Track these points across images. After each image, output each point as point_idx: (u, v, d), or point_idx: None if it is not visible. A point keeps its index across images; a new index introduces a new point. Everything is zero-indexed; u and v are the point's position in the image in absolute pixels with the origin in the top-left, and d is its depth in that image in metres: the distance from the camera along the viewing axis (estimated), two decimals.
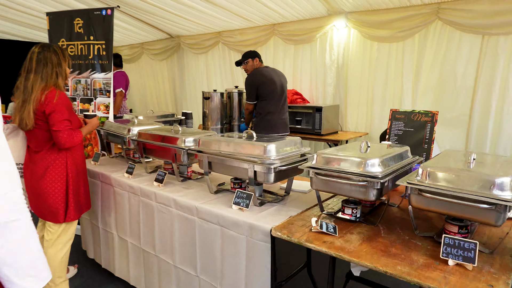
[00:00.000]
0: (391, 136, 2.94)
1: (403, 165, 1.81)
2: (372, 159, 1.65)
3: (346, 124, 5.32)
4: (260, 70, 4.25)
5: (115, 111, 5.62)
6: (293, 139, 2.12)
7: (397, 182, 1.56)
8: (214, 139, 2.21)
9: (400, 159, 1.86)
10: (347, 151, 1.88)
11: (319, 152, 1.81)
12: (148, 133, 2.70)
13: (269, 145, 1.93)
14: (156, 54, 7.73)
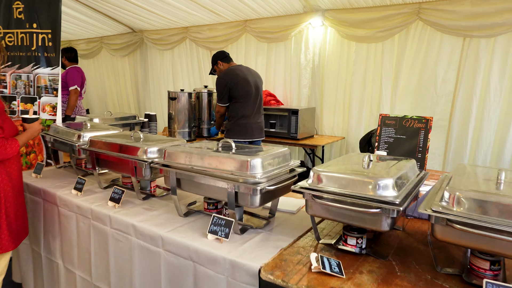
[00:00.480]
0: (380, 143, 2.66)
1: (415, 184, 1.51)
2: (384, 179, 1.32)
3: (322, 127, 5.05)
4: (233, 70, 3.88)
5: (68, 111, 5.07)
6: (281, 151, 1.77)
7: (420, 210, 1.24)
8: (184, 150, 1.82)
9: (410, 176, 1.55)
10: (347, 167, 1.55)
11: (316, 170, 1.47)
12: (102, 141, 2.26)
13: (253, 159, 1.57)
14: (116, 49, 7.16)
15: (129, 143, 2.15)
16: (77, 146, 2.45)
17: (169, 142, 2.19)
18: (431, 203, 1.27)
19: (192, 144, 2.02)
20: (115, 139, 2.26)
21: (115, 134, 2.53)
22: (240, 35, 5.48)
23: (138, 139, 2.24)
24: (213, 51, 5.80)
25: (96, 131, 2.65)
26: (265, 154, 1.65)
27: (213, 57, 4.09)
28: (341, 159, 1.73)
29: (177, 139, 2.30)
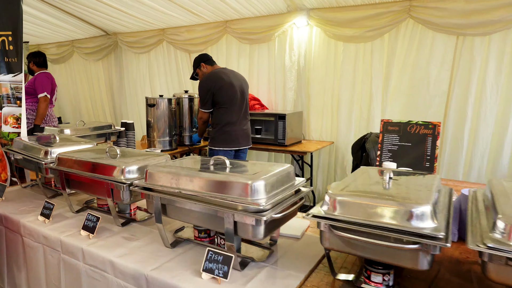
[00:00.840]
0: (383, 152, 2.45)
1: (447, 206, 1.28)
2: (420, 206, 1.09)
3: (309, 132, 4.84)
4: (217, 73, 3.60)
5: (38, 120, 4.66)
6: (284, 169, 1.51)
7: (470, 246, 1.01)
8: (170, 170, 1.54)
9: (442, 197, 1.32)
10: (367, 187, 1.32)
11: (332, 194, 1.23)
12: (73, 159, 1.95)
13: (255, 182, 1.31)
14: (89, 53, 6.76)
15: (103, 160, 1.86)
16: (44, 164, 2.13)
17: (150, 158, 1.91)
18: (480, 235, 1.04)
19: (179, 161, 1.74)
20: (87, 156, 1.96)
21: (88, 149, 2.22)
22: (220, 37, 5.21)
23: (115, 156, 1.94)
24: (192, 53, 5.54)
25: (66, 146, 2.33)
26: (268, 174, 1.39)
27: (195, 60, 3.81)
28: (357, 175, 1.49)
29: (160, 154, 2.01)
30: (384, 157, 2.42)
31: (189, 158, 1.81)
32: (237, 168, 1.53)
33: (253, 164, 1.63)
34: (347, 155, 4.51)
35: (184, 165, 1.62)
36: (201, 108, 3.65)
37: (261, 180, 1.33)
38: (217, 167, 1.55)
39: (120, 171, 1.75)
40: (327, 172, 4.80)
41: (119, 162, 1.81)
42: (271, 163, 1.63)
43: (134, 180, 1.71)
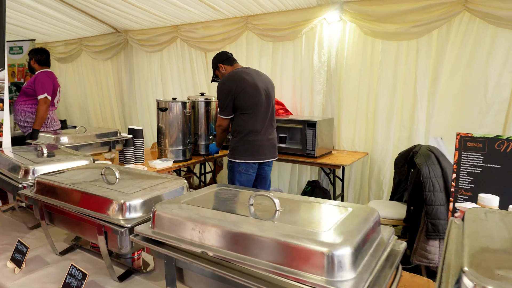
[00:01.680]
0: (460, 175, 1.89)
1: None
2: None
3: (339, 141, 4.28)
4: (239, 73, 3.09)
5: (37, 124, 4.22)
6: (367, 215, 0.97)
7: None
8: (190, 213, 1.02)
9: None
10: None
11: None
12: (54, 185, 1.44)
13: (337, 250, 0.77)
14: (98, 52, 6.31)
15: (96, 189, 1.34)
16: (21, 189, 1.62)
17: (161, 186, 1.39)
18: None
19: (202, 196, 1.21)
20: (76, 180, 1.45)
21: (80, 169, 1.71)
22: (240, 34, 4.69)
23: (112, 180, 1.43)
24: (208, 52, 5.05)
25: (54, 162, 1.83)
26: (355, 232, 0.85)
27: (213, 60, 3.31)
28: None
29: (174, 179, 1.49)
30: (462, 182, 1.86)
31: (216, 189, 1.28)
32: (294, 213, 0.99)
33: (313, 206, 1.09)
34: (384, 168, 3.95)
35: (211, 204, 1.09)
36: (220, 114, 3.13)
37: (347, 246, 0.79)
38: (260, 210, 1.02)
39: (118, 207, 1.23)
40: (359, 187, 4.24)
41: (116, 194, 1.29)
42: (337, 203, 1.09)
43: (137, 222, 1.19)
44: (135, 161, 3.46)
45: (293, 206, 1.06)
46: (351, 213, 0.98)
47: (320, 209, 1.04)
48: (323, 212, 1.01)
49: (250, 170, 3.14)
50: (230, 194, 1.23)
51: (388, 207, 3.30)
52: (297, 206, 1.08)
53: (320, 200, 1.13)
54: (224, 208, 1.06)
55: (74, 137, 2.96)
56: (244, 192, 1.22)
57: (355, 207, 1.03)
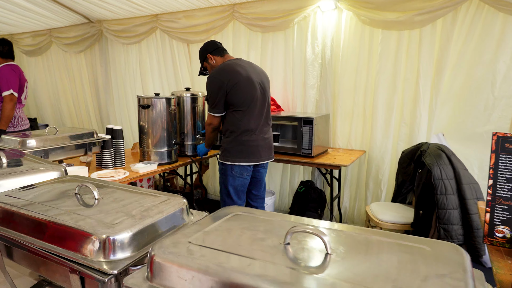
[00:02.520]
0: (497, 182, 1.65)
1: None
2: None
3: (334, 139, 4.03)
4: (231, 65, 2.77)
5: (2, 124, 3.80)
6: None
7: None
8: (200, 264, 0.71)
9: None
10: None
11: None
12: (13, 210, 1.10)
13: None
14: (69, 44, 5.82)
15: (68, 217, 1.01)
16: None
17: (157, 206, 1.07)
18: None
19: (215, 228, 0.90)
20: (41, 203, 1.11)
21: (48, 184, 1.37)
22: (226, 23, 4.36)
23: (90, 202, 1.10)
24: (191, 44, 4.70)
25: (14, 175, 1.47)
26: None
27: (201, 50, 2.98)
28: None
29: (172, 197, 1.18)
30: (501, 189, 1.62)
31: (231, 216, 0.98)
32: (350, 259, 0.70)
33: (381, 245, 0.80)
34: (382, 167, 3.72)
35: (232, 244, 0.78)
36: (210, 112, 2.81)
37: None
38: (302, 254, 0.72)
39: (99, 245, 0.90)
40: (356, 186, 4.00)
41: (96, 224, 0.97)
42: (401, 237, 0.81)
43: (125, 265, 0.87)
44: (114, 165, 3.10)
45: (345, 244, 0.77)
46: (432, 256, 0.69)
47: (392, 251, 0.75)
48: (400, 257, 0.72)
49: (244, 173, 2.84)
50: (253, 225, 0.92)
51: (392, 209, 3.07)
52: (351, 244, 0.78)
53: (379, 232, 0.84)
54: (254, 253, 0.75)
55: (44, 139, 2.58)
56: (272, 221, 0.92)
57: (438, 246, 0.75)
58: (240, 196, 2.94)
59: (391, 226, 2.93)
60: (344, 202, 4.06)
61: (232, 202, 2.92)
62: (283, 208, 4.48)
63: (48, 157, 2.59)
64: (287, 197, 4.44)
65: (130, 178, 2.84)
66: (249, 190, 3.05)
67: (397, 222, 2.90)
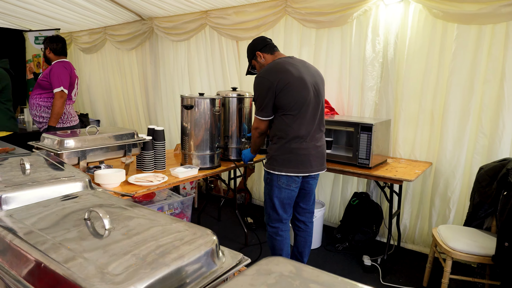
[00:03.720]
0: None
1: None
2: None
3: (395, 147, 3.60)
4: (281, 64, 2.48)
5: (52, 121, 3.79)
6: None
7: None
8: None
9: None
10: None
11: None
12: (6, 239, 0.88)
13: None
14: (122, 41, 5.84)
15: (61, 260, 0.77)
16: None
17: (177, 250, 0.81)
18: None
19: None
20: (40, 228, 0.89)
21: (59, 202, 1.16)
22: (278, 19, 4.06)
23: (100, 233, 0.86)
24: (240, 41, 4.46)
25: (31, 187, 1.29)
26: None
27: (250, 47, 2.72)
28: None
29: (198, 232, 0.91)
30: None
31: (279, 280, 0.68)
32: None
33: None
34: (452, 183, 3.24)
35: None
36: (257, 115, 2.54)
37: None
38: None
39: None
40: (418, 203, 3.54)
41: (94, 274, 0.72)
42: None
43: None
44: (154, 167, 2.92)
45: None
46: None
47: None
48: None
49: (292, 185, 2.54)
50: None
51: (466, 236, 2.60)
52: None
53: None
54: None
55: (82, 140, 2.45)
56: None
57: None
58: (286, 209, 2.64)
59: (466, 257, 2.47)
60: (404, 219, 3.61)
61: (277, 215, 2.63)
62: (333, 221, 4.11)
63: (86, 158, 2.46)
64: (338, 209, 4.06)
65: (168, 184, 2.64)
66: (297, 203, 2.74)
67: (474, 253, 2.43)
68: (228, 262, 0.92)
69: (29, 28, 6.60)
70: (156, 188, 2.59)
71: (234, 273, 0.92)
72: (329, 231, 3.93)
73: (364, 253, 3.42)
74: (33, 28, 6.57)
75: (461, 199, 3.25)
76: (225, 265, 0.91)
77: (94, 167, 2.79)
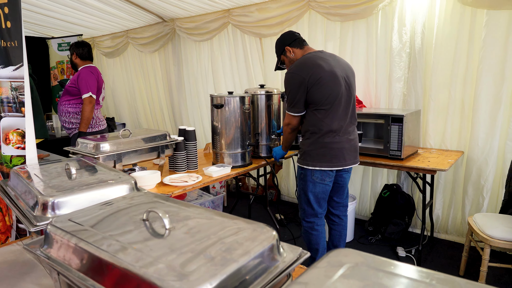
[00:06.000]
0: None
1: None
2: None
3: (425, 138, 3.56)
4: (313, 58, 2.48)
5: (83, 127, 3.87)
6: None
7: None
8: None
9: None
10: None
11: None
12: (71, 244, 0.93)
13: None
14: (144, 44, 5.93)
15: (131, 260, 0.81)
16: (35, 231, 1.15)
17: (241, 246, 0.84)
18: None
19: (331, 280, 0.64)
20: (103, 235, 0.93)
21: (114, 203, 1.20)
22: (301, 14, 4.05)
23: (161, 232, 0.90)
24: (264, 38, 4.47)
25: (81, 191, 1.34)
26: None
27: (277, 44, 2.73)
28: None
29: (258, 227, 0.94)
30: None
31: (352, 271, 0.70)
32: None
33: None
34: (485, 170, 3.19)
35: None
36: (289, 111, 2.55)
37: None
38: None
39: None
40: (450, 193, 3.49)
41: (166, 272, 0.75)
42: None
43: None
44: (187, 167, 2.98)
45: None
46: None
47: None
48: None
49: (326, 179, 2.54)
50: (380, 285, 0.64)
51: (503, 223, 2.57)
52: None
53: None
54: None
55: (117, 143, 2.51)
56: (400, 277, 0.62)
57: None
58: (321, 204, 2.65)
59: (505, 245, 2.44)
60: (436, 209, 3.56)
61: (312, 210, 2.65)
62: (363, 214, 4.10)
63: (121, 161, 2.52)
64: (369, 202, 4.04)
65: (203, 183, 2.69)
66: (331, 197, 2.75)
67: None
68: (289, 256, 0.95)
69: (52, 35, 6.76)
70: (192, 188, 2.64)
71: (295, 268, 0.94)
72: (361, 224, 3.92)
73: (398, 245, 3.41)
74: (55, 35, 6.72)
75: (494, 187, 3.19)
76: (287, 259, 0.93)
77: (128, 169, 2.86)
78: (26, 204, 1.31)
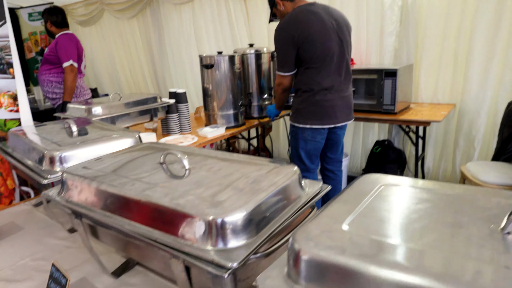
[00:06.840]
0: None
1: None
2: None
3: (417, 92, 3.57)
4: (303, 12, 2.39)
5: (67, 96, 3.73)
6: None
7: None
8: None
9: None
10: None
11: None
12: (93, 187, 0.89)
13: None
14: (121, 10, 5.66)
15: (160, 196, 0.79)
16: (47, 184, 1.10)
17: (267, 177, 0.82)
18: None
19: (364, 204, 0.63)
20: (123, 177, 0.90)
21: (125, 153, 1.16)
22: None
23: (180, 173, 0.87)
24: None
25: (87, 144, 1.29)
26: None
27: None
28: None
29: (281, 164, 0.92)
30: None
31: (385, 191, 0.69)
32: None
33: None
34: (477, 121, 3.24)
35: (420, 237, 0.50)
36: (279, 71, 2.48)
37: None
38: None
39: (205, 229, 0.66)
40: (441, 145, 3.55)
41: (198, 202, 0.73)
42: None
43: (243, 257, 0.63)
44: (180, 130, 2.92)
45: None
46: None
47: None
48: None
49: (318, 137, 2.53)
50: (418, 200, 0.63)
51: (496, 170, 2.63)
52: None
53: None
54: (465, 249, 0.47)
55: (109, 106, 2.43)
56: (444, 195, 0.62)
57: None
58: (313, 160, 2.65)
59: (498, 189, 2.52)
60: (427, 162, 3.64)
61: (304, 166, 2.65)
62: (355, 171, 4.15)
63: (115, 125, 2.45)
64: (360, 159, 4.09)
65: (199, 144, 2.65)
66: (324, 153, 2.75)
67: (507, 184, 2.47)
68: (312, 190, 0.94)
69: (20, 5, 6.31)
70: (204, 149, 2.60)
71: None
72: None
73: None
74: (24, 5, 6.29)
75: (485, 138, 3.25)
76: (310, 192, 0.92)
77: None
78: (32, 161, 1.25)
